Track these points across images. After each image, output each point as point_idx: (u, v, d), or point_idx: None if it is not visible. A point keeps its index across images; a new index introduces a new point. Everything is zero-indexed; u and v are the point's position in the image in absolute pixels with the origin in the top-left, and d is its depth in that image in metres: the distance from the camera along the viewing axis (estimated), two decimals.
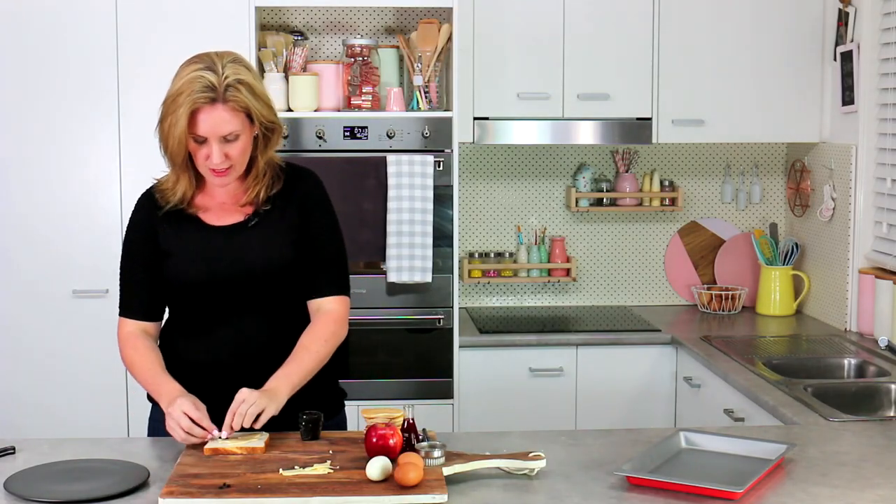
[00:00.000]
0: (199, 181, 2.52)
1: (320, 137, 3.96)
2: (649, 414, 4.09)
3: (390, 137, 3.96)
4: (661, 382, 4.10)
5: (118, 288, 2.61)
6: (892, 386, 3.31)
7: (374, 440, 2.22)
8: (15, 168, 3.95)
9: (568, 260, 4.59)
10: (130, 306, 2.57)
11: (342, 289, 2.57)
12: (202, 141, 2.40)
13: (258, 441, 2.33)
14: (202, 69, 2.38)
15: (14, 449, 2.40)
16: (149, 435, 2.64)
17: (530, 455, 2.25)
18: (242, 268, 2.48)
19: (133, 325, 2.57)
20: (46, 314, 3.99)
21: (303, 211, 2.54)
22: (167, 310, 2.61)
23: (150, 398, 2.63)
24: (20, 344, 3.99)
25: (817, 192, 4.36)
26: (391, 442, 2.21)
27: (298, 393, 2.45)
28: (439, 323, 4.01)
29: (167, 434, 2.43)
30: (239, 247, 2.50)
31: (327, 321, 2.52)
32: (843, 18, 4.11)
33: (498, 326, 4.22)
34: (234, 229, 2.51)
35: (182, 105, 2.37)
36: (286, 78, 4.02)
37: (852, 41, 4.05)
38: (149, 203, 2.57)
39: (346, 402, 2.72)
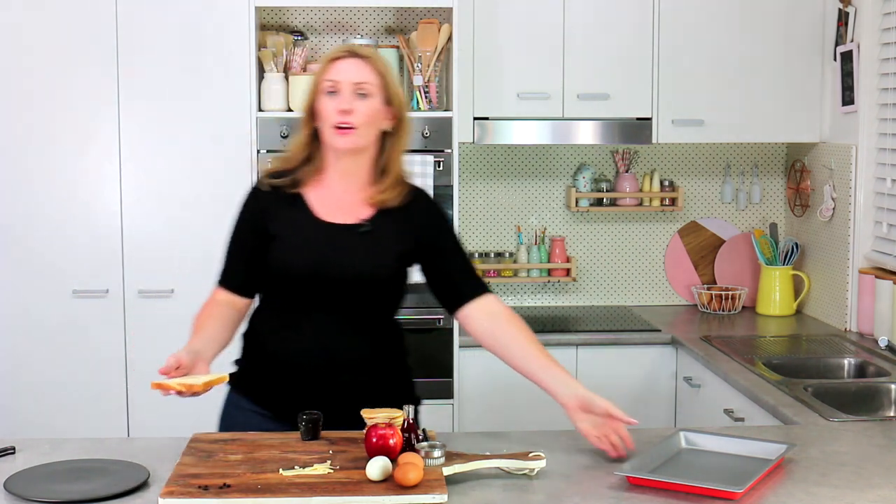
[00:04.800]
0: (317, 167, 2.55)
1: None
2: (649, 414, 4.08)
3: None
4: (661, 382, 4.10)
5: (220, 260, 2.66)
6: (892, 386, 3.31)
7: (374, 440, 2.22)
8: (15, 168, 3.95)
9: (568, 260, 4.59)
10: (227, 278, 2.62)
11: (487, 288, 2.63)
12: (333, 92, 2.47)
13: (195, 378, 2.28)
14: (347, 44, 2.59)
15: (14, 449, 2.40)
16: (221, 420, 2.67)
17: (530, 455, 2.25)
18: (342, 270, 2.50)
19: (223, 295, 2.61)
20: (46, 314, 3.99)
21: (423, 228, 2.59)
22: (258, 298, 2.64)
23: (230, 381, 2.66)
24: (20, 344, 3.99)
25: (817, 192, 4.36)
26: (391, 442, 2.21)
27: (376, 403, 2.43)
28: (439, 323, 4.01)
29: (238, 420, 2.55)
30: (344, 248, 2.51)
31: (513, 320, 2.58)
32: (843, 18, 4.11)
33: None
34: (343, 229, 2.53)
35: (323, 59, 2.52)
36: (286, 78, 4.02)
37: (852, 41, 4.05)
38: (256, 191, 2.61)
39: None
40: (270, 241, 2.54)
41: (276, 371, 2.56)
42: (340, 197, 2.55)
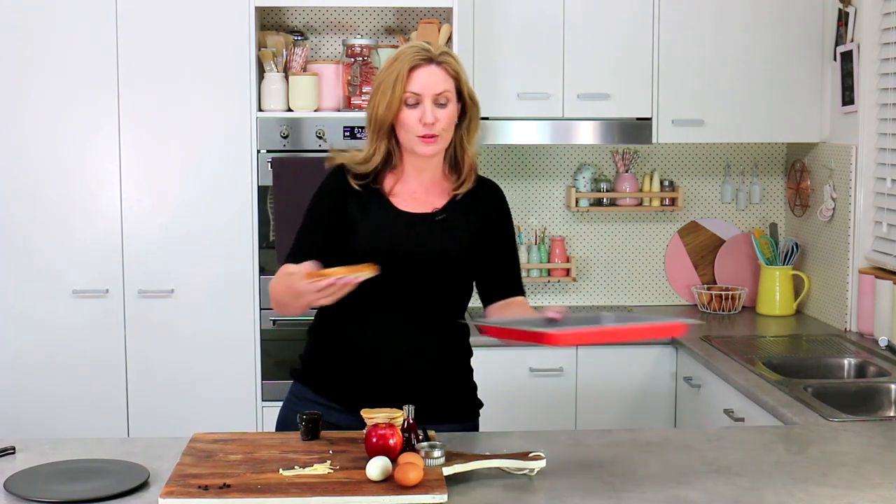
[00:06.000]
0: (393, 164, 2.58)
1: (320, 137, 3.96)
2: (649, 414, 4.09)
3: None
4: (661, 382, 4.10)
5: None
6: (892, 386, 3.31)
7: (374, 440, 2.22)
8: (15, 168, 3.95)
9: (568, 260, 4.59)
10: (296, 259, 2.58)
11: (524, 291, 2.73)
12: (414, 104, 2.49)
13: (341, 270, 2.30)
14: (418, 44, 2.53)
15: (14, 449, 2.40)
16: (282, 410, 2.69)
17: (530, 455, 2.25)
18: (422, 252, 2.54)
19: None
20: (46, 314, 3.99)
21: (489, 218, 2.64)
22: None
23: (293, 374, 2.70)
24: (20, 344, 3.99)
25: (817, 192, 4.36)
26: (391, 442, 2.21)
27: (442, 398, 2.58)
28: None
29: (303, 410, 2.49)
30: (422, 234, 2.56)
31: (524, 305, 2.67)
32: (843, 18, 4.11)
33: None
34: (420, 218, 2.58)
35: (400, 65, 2.50)
36: (286, 78, 4.02)
37: (852, 41, 4.05)
38: (342, 173, 2.62)
39: None
40: (348, 226, 2.57)
41: (345, 361, 2.58)
42: (415, 188, 2.60)
